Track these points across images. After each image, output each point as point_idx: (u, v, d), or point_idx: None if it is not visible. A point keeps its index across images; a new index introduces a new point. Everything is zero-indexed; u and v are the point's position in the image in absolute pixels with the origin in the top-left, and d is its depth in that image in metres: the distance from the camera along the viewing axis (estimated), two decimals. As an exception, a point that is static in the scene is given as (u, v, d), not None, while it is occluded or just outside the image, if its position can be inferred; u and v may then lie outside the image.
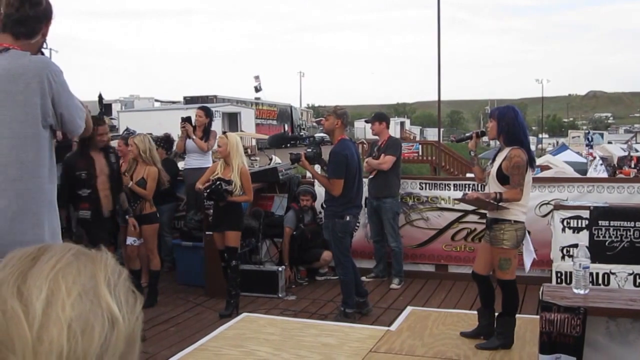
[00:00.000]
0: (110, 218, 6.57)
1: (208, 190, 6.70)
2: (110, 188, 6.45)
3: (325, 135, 8.05)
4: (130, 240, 7.04)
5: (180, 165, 9.18)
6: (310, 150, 6.81)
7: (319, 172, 6.87)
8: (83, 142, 6.17)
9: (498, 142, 5.60)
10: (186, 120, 8.45)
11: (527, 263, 5.45)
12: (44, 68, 2.89)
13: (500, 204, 5.15)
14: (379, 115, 8.45)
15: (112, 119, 43.98)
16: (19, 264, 0.87)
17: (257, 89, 55.10)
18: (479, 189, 6.74)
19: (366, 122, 8.23)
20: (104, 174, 6.41)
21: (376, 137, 8.36)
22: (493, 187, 5.29)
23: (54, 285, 0.84)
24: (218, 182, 6.64)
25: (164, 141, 8.87)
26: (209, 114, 8.78)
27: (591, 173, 16.04)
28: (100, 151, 6.45)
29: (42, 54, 3.04)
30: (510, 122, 5.28)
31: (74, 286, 0.84)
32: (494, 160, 5.43)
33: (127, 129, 11.51)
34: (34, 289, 0.83)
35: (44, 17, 2.99)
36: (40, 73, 2.86)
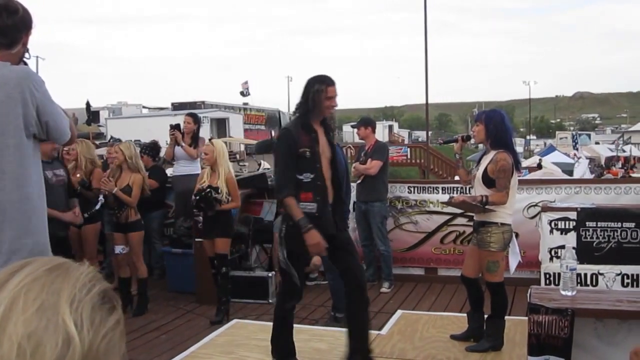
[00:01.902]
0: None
1: (197, 198, 6.71)
2: None
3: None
4: (118, 248, 7.03)
5: (169, 172, 9.17)
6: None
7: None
8: None
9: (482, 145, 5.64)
10: (175, 127, 8.44)
11: (513, 265, 5.48)
12: (26, 78, 2.89)
13: (486, 207, 5.18)
14: (365, 120, 8.48)
15: (99, 126, 43.87)
16: (0, 276, 0.88)
17: (244, 94, 55.04)
18: (467, 192, 6.77)
19: (352, 127, 8.27)
20: None
21: (361, 141, 8.39)
22: (479, 189, 5.33)
23: (14, 301, 0.84)
24: (208, 190, 6.64)
25: (150, 148, 8.86)
26: (197, 120, 8.78)
27: (581, 170, 16.21)
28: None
29: (25, 63, 3.04)
30: (498, 125, 5.32)
31: (34, 302, 0.84)
32: (479, 163, 5.48)
33: (112, 138, 11.52)
34: None
35: (23, 26, 2.98)
36: (22, 83, 2.86)
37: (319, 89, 4.76)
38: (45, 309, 0.84)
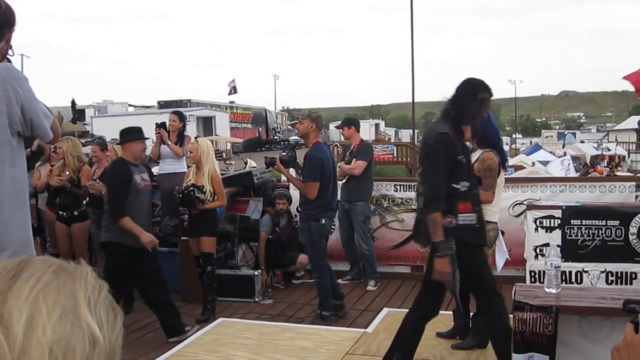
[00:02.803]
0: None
1: (180, 197, 6.70)
2: None
3: (299, 138, 8.05)
4: (105, 246, 7.00)
5: (155, 170, 9.13)
6: (285, 153, 6.82)
7: (294, 176, 6.88)
8: None
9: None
10: (161, 126, 8.41)
11: (500, 263, 5.51)
12: (8, 76, 2.87)
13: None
14: (348, 120, 8.50)
15: (85, 124, 43.67)
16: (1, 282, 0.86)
17: (231, 92, 55.00)
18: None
19: (336, 127, 8.28)
20: None
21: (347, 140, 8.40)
22: (464, 187, 5.34)
23: (35, 308, 0.83)
24: (191, 189, 6.63)
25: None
26: (182, 118, 8.75)
27: (556, 167, 16.28)
28: None
29: (9, 60, 3.01)
30: (484, 124, 5.34)
31: (55, 307, 0.84)
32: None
33: (93, 135, 11.49)
34: (14, 311, 0.82)
35: (6, 22, 2.94)
36: (5, 81, 2.84)
37: (484, 98, 4.43)
38: (67, 312, 0.84)
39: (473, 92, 4.42)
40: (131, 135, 6.26)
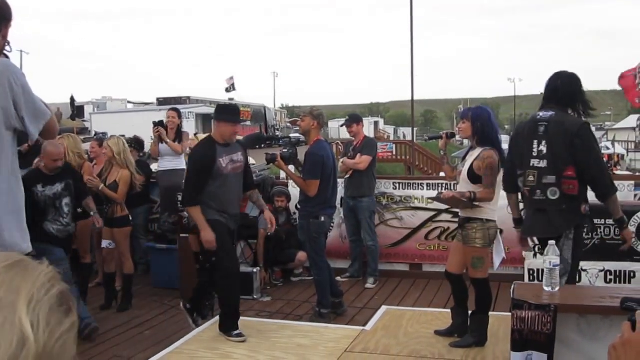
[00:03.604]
0: None
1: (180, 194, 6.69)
2: None
3: (300, 136, 8.07)
4: (105, 243, 7.02)
5: (154, 167, 9.14)
6: (286, 150, 6.82)
7: (295, 173, 6.88)
8: None
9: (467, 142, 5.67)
10: (159, 124, 8.44)
11: (497, 262, 5.51)
12: (5, 71, 2.86)
13: (474, 203, 5.21)
14: (356, 117, 8.51)
15: (84, 121, 43.65)
16: None
17: (229, 90, 54.96)
18: (453, 188, 6.79)
19: (342, 126, 8.26)
20: None
21: (348, 137, 8.40)
22: (464, 186, 5.36)
23: None
24: None
25: (135, 142, 8.84)
26: (180, 114, 8.82)
27: None
28: None
29: (6, 56, 3.00)
30: (485, 122, 5.37)
31: None
32: (464, 159, 5.50)
33: (96, 133, 11.51)
34: None
35: (2, 17, 2.92)
36: (1, 76, 2.83)
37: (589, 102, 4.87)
38: (3, 307, 0.83)
39: (580, 89, 4.82)
40: (222, 114, 5.94)
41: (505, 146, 5.37)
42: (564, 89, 4.73)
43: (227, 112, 6.03)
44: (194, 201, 5.70)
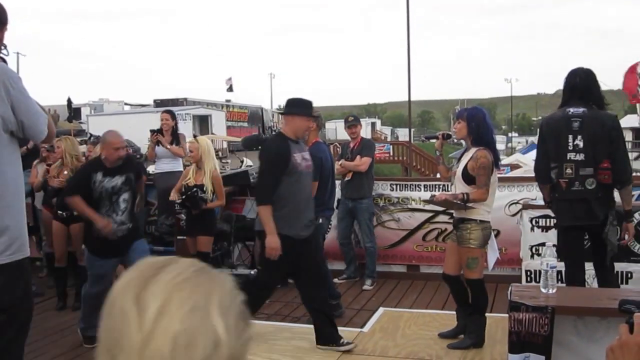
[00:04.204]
0: None
1: (183, 197, 6.67)
2: None
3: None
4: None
5: (150, 169, 9.13)
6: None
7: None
8: None
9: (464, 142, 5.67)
10: (157, 132, 8.43)
11: (491, 262, 5.51)
12: (1, 75, 2.85)
13: (467, 204, 5.21)
14: (358, 119, 8.50)
15: (81, 123, 43.53)
16: (145, 270, 0.92)
17: (230, 89, 55.03)
18: (449, 189, 6.80)
19: (348, 126, 8.15)
20: None
21: (345, 138, 8.38)
22: (459, 186, 5.36)
23: (169, 297, 0.88)
24: (195, 189, 6.61)
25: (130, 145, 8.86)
26: (174, 116, 8.81)
27: None
28: None
29: (3, 60, 2.99)
30: (480, 123, 5.37)
31: (187, 301, 0.88)
32: (459, 160, 5.51)
33: (91, 135, 11.49)
34: (151, 296, 0.88)
35: None
36: None
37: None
38: (198, 309, 0.88)
39: (596, 80, 5.26)
40: (297, 108, 5.46)
41: (501, 147, 5.40)
42: (582, 85, 5.16)
43: (302, 106, 5.51)
44: (268, 199, 5.26)
